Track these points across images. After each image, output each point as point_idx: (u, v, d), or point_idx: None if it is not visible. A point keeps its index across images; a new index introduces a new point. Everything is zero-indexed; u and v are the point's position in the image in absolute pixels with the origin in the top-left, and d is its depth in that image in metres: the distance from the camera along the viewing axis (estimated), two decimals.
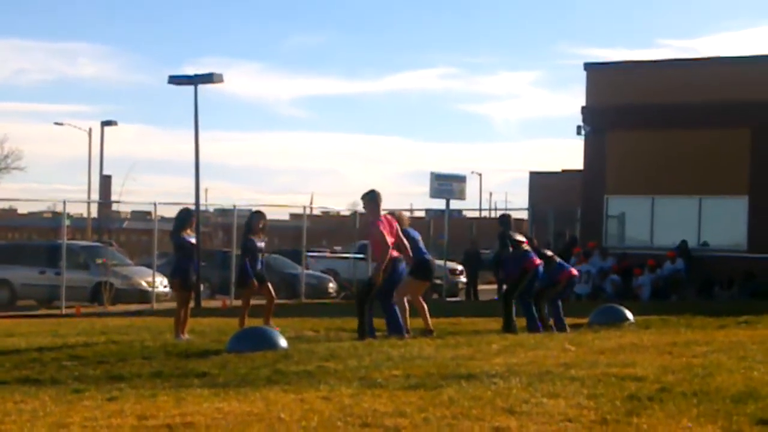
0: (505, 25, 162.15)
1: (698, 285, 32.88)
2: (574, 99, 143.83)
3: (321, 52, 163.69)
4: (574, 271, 20.25)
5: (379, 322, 17.21)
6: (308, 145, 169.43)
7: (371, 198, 16.86)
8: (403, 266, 17.06)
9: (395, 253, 16.75)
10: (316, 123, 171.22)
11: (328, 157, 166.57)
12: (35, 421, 9.09)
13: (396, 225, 16.94)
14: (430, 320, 17.95)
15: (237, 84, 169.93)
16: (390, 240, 16.55)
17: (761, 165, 33.90)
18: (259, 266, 18.72)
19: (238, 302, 31.93)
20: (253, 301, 19.26)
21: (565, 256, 19.22)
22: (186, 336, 17.78)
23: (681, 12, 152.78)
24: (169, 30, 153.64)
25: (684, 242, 33.65)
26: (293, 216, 72.57)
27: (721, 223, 34.62)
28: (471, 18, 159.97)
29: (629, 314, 20.24)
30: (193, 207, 19.75)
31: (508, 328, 18.27)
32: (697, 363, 12.54)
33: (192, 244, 18.32)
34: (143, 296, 33.05)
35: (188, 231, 18.29)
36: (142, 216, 73.68)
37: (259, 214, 19.27)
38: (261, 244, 18.75)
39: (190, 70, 35.70)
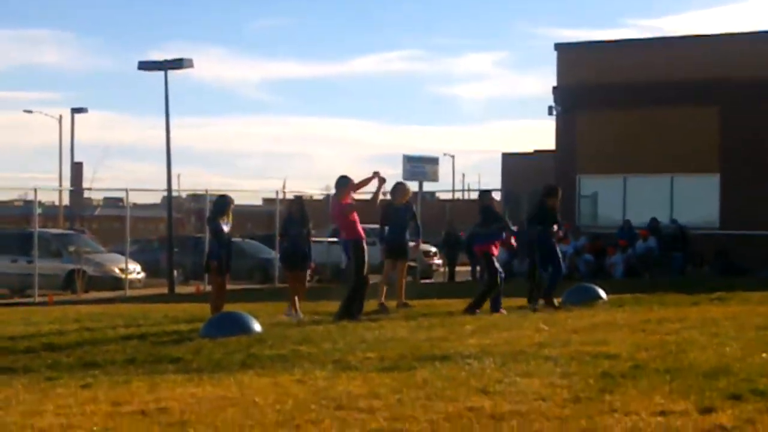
0: (466, 6, 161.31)
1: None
2: (541, 79, 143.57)
3: (285, 35, 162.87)
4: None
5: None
6: (277, 128, 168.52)
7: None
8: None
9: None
10: (283, 106, 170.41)
11: (297, 140, 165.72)
12: (8, 409, 9.06)
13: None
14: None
15: (204, 69, 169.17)
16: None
17: (731, 142, 34.11)
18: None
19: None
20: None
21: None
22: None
23: None
24: (131, 15, 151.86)
25: (654, 220, 33.75)
26: (266, 201, 72.37)
27: (693, 201, 34.78)
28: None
29: (602, 293, 20.30)
30: (220, 194, 19.43)
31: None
32: (670, 340, 12.60)
33: (224, 231, 18.09)
34: (116, 283, 32.95)
35: (225, 218, 18.13)
36: (114, 203, 73.37)
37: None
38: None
39: (154, 56, 35.60)
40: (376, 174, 17.59)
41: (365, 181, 17.71)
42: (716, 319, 15.44)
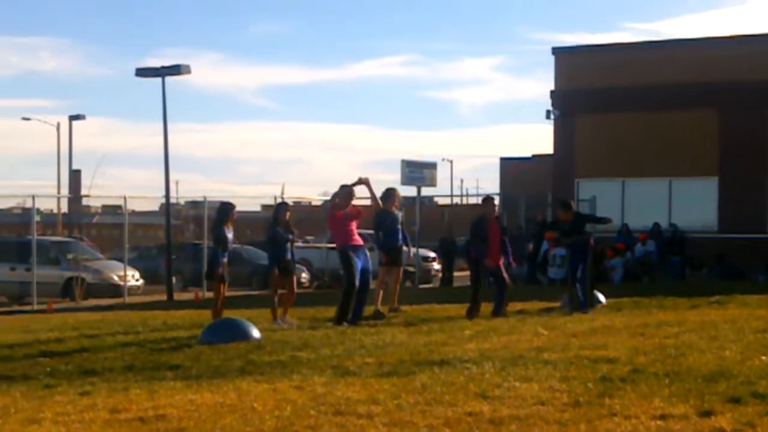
0: (464, 11, 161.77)
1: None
2: (539, 84, 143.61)
3: (283, 40, 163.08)
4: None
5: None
6: (275, 134, 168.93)
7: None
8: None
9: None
10: (281, 112, 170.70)
11: (295, 146, 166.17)
12: (6, 418, 9.04)
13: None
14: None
15: (201, 75, 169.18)
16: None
17: (729, 145, 34.07)
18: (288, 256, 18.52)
19: (211, 294, 31.92)
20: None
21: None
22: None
23: None
24: (128, 22, 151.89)
25: (656, 225, 33.76)
26: (265, 207, 72.28)
27: (691, 204, 34.75)
28: (431, 4, 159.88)
29: (601, 297, 20.28)
30: (223, 201, 19.44)
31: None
32: (669, 344, 12.59)
33: (229, 238, 18.06)
34: (115, 290, 32.92)
35: (228, 225, 18.10)
36: (112, 210, 73.25)
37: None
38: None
39: (152, 63, 35.54)
40: (360, 180, 17.88)
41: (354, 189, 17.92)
42: (715, 322, 15.43)
